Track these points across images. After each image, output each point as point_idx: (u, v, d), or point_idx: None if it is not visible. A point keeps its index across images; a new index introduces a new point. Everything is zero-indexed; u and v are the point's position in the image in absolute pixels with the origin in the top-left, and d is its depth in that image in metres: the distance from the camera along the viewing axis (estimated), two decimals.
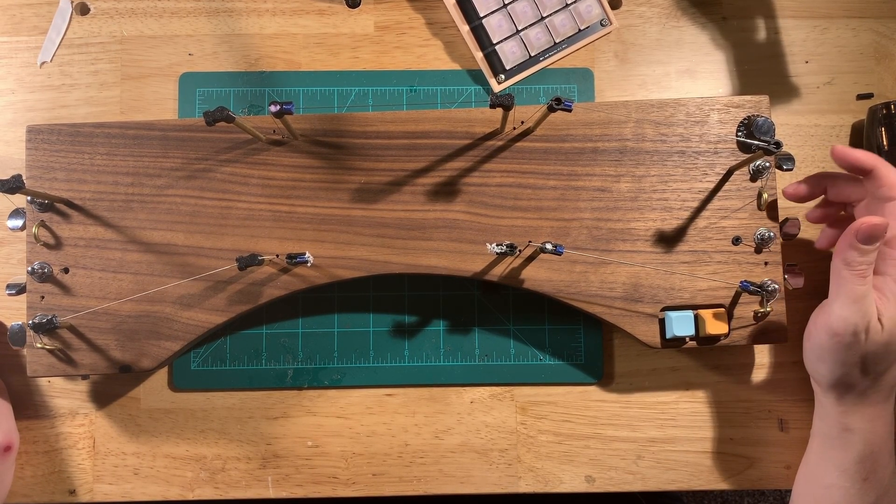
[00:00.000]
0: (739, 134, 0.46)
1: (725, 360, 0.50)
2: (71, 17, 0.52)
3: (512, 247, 0.42)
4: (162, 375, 0.50)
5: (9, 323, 0.46)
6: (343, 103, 0.51)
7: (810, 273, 0.50)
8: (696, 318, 0.45)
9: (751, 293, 0.43)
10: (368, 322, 0.50)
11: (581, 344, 0.50)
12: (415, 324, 0.50)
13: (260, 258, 0.42)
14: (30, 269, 0.45)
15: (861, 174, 0.43)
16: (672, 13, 0.53)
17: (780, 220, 0.46)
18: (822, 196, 0.47)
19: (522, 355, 0.50)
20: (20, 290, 0.45)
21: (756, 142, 0.44)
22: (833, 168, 0.45)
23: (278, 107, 0.38)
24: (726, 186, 0.46)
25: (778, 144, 0.40)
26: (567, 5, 0.51)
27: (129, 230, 0.46)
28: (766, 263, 0.46)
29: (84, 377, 0.49)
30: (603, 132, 0.46)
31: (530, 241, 0.45)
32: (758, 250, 0.46)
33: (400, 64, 0.52)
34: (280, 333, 0.50)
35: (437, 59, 0.52)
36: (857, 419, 0.43)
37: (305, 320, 0.50)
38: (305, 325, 0.50)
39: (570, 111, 0.40)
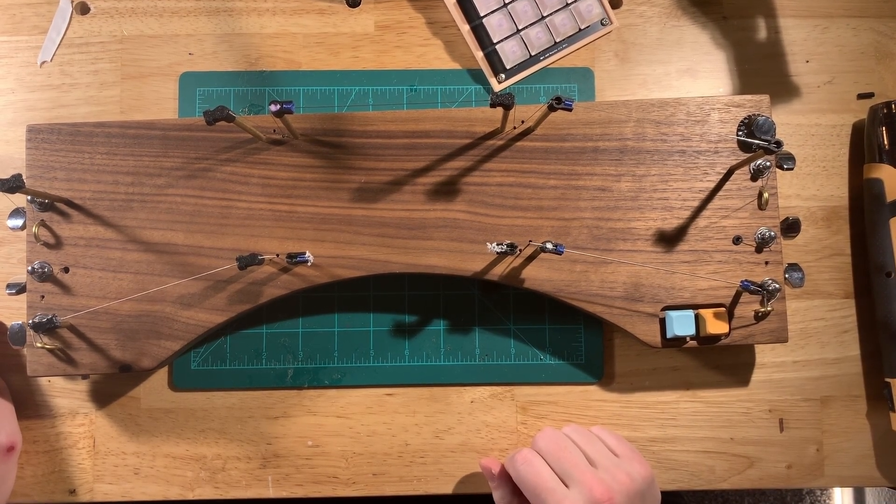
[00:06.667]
0: (740, 133, 0.46)
1: (726, 360, 0.50)
2: (71, 17, 0.52)
3: (512, 246, 0.42)
4: (162, 375, 0.50)
5: (9, 322, 0.46)
6: (343, 103, 0.51)
7: (811, 273, 0.50)
8: (697, 317, 0.45)
9: (751, 293, 0.43)
10: (368, 322, 0.50)
11: (581, 344, 0.50)
12: (415, 323, 0.50)
13: (260, 258, 0.42)
14: (30, 268, 0.45)
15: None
16: (672, 12, 0.53)
17: (780, 220, 0.46)
18: None
19: (523, 355, 0.50)
20: (20, 289, 0.45)
21: (757, 141, 0.44)
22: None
23: (278, 106, 0.38)
24: (727, 186, 0.46)
25: (778, 144, 0.40)
26: (567, 5, 0.51)
27: (130, 229, 0.46)
28: (766, 263, 0.46)
29: (84, 377, 0.49)
30: (603, 131, 0.46)
31: (531, 241, 0.45)
32: (758, 250, 0.46)
33: (400, 63, 0.52)
34: (280, 333, 0.50)
35: (437, 58, 0.52)
36: None
37: (305, 320, 0.50)
38: (305, 324, 0.50)
39: (570, 110, 0.39)
